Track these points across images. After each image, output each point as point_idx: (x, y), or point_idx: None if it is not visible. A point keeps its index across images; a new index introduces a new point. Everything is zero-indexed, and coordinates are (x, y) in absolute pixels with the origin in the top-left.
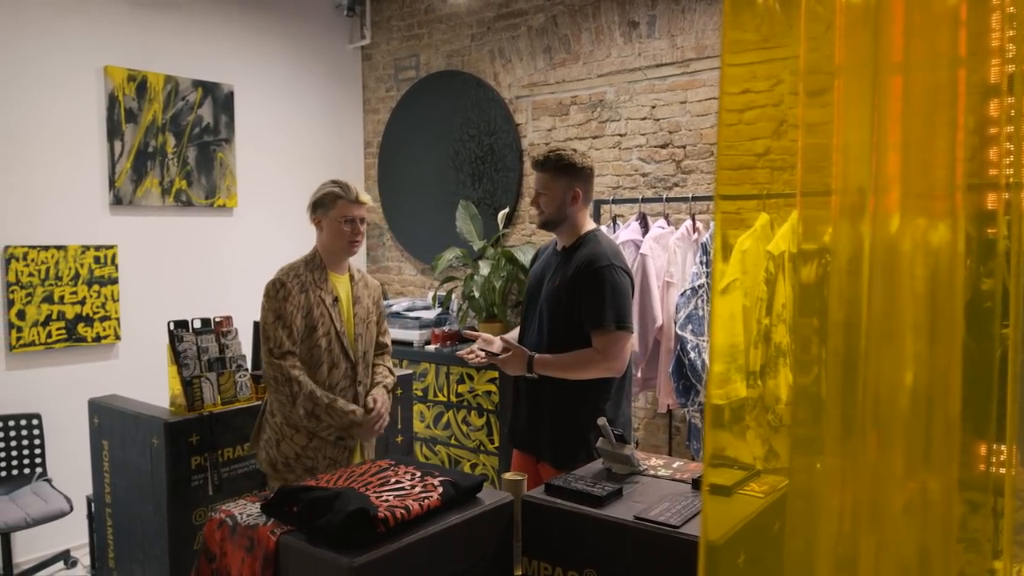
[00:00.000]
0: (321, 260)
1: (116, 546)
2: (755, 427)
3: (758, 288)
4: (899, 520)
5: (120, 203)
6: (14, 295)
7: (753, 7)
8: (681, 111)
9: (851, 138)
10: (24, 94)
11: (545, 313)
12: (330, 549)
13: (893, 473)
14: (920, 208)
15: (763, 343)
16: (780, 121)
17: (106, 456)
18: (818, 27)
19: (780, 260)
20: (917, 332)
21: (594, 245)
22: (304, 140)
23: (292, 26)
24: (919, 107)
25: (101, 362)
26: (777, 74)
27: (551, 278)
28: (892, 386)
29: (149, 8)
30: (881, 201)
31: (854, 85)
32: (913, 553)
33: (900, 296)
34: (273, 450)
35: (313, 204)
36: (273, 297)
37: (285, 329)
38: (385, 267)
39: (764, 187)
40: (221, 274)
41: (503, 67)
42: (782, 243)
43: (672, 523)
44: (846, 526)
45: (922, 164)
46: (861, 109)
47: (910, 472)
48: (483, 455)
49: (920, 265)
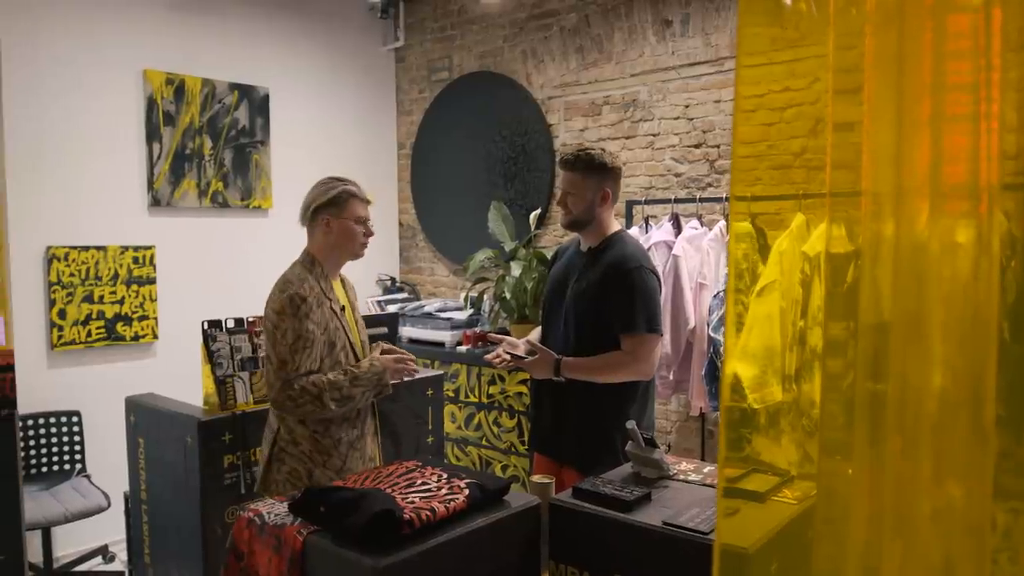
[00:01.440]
0: (322, 268)
1: (152, 542)
2: (790, 432)
3: (794, 290)
4: (928, 528)
5: (158, 204)
6: (55, 295)
7: (783, 5)
8: (715, 110)
9: (880, 138)
10: (66, 97)
11: (571, 315)
12: (355, 550)
13: (920, 479)
14: (949, 208)
15: (798, 346)
16: (817, 120)
17: (142, 453)
18: (851, 24)
19: (816, 261)
20: (946, 335)
21: (622, 247)
22: (338, 142)
23: (326, 29)
24: (949, 105)
25: (139, 361)
26: (814, 72)
27: (577, 280)
28: (919, 390)
29: (187, 12)
30: (910, 201)
31: (882, 83)
32: (942, 562)
33: (928, 298)
34: (304, 482)
35: (322, 204)
36: (293, 315)
37: (306, 351)
38: (418, 268)
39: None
40: (255, 274)
41: (535, 67)
42: (818, 244)
43: (702, 529)
44: (874, 533)
45: (953, 163)
46: (889, 107)
47: (938, 479)
48: (514, 456)
49: (949, 266)
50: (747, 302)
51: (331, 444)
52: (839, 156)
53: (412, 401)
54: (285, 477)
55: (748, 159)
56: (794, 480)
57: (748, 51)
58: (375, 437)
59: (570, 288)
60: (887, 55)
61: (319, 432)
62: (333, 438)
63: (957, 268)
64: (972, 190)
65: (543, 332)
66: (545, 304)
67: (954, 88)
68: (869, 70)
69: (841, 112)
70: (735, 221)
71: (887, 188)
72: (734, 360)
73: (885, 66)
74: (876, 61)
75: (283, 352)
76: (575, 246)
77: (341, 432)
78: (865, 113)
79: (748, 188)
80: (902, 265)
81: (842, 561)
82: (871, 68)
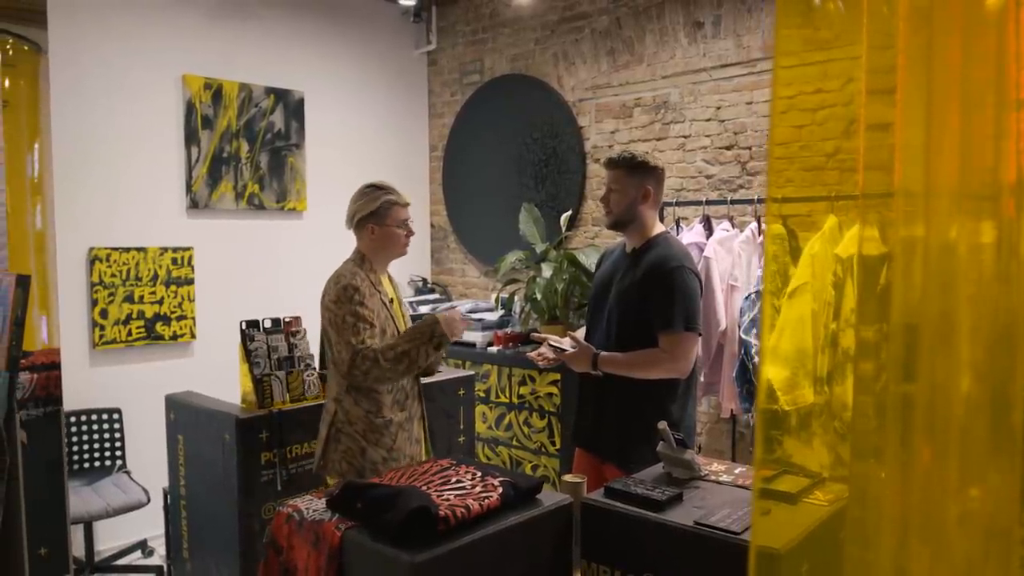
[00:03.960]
0: (371, 265)
1: (190, 537)
2: (822, 434)
3: (826, 292)
4: (956, 531)
5: (196, 207)
6: (97, 295)
7: (816, 6)
8: (747, 112)
9: (911, 138)
10: (108, 101)
11: (615, 314)
12: (392, 546)
13: (949, 483)
14: (980, 209)
15: (830, 348)
16: (850, 121)
17: (181, 450)
18: (885, 24)
19: (848, 264)
20: (975, 338)
21: (664, 247)
22: (371, 144)
23: (360, 33)
24: (977, 106)
25: (177, 360)
26: (848, 72)
27: (620, 279)
28: (948, 393)
29: (225, 18)
30: (941, 202)
31: (914, 83)
32: (968, 566)
33: (957, 300)
34: (359, 459)
35: (367, 215)
36: (348, 302)
37: (368, 330)
38: (449, 269)
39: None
40: (290, 275)
41: (566, 70)
42: (851, 246)
43: (733, 529)
44: (904, 536)
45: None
46: (918, 109)
47: (966, 482)
48: (544, 457)
49: (977, 268)
50: (778, 304)
51: (383, 424)
52: (872, 157)
53: (444, 401)
54: (341, 455)
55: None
56: (826, 482)
57: (784, 52)
58: (422, 421)
59: (614, 288)
60: (919, 55)
61: (372, 413)
62: (384, 419)
63: (985, 270)
64: (1002, 191)
65: (587, 330)
66: (590, 304)
67: (984, 87)
68: (902, 71)
69: (875, 113)
70: (770, 223)
71: (919, 189)
72: (769, 363)
73: (917, 66)
74: (909, 61)
75: (347, 334)
76: (620, 248)
77: (392, 414)
78: (898, 114)
79: (779, 190)
80: (932, 267)
81: (874, 564)
82: (904, 68)
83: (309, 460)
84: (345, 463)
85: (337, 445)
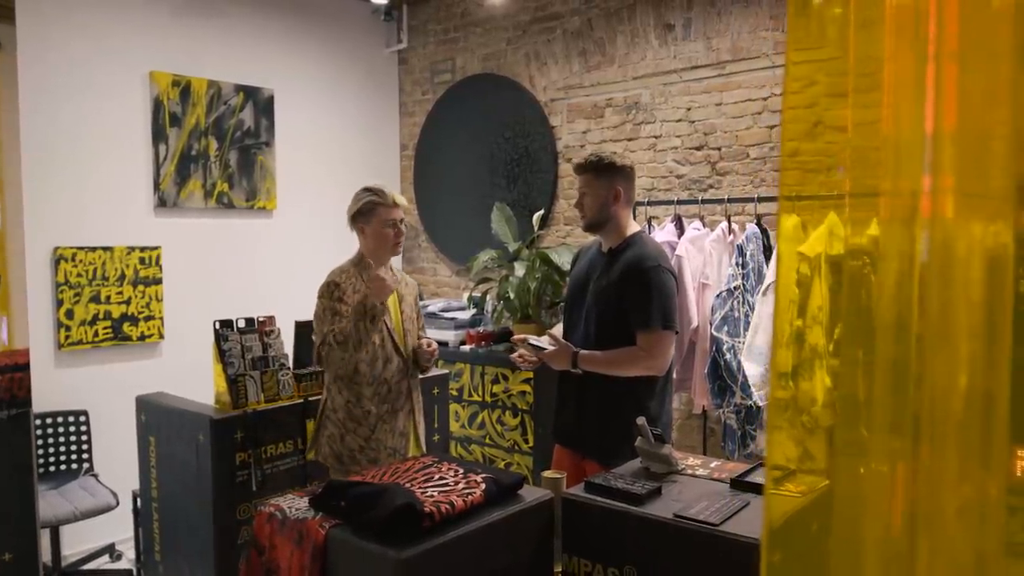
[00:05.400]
0: (367, 263)
1: (162, 539)
2: (787, 428)
3: (790, 290)
4: (952, 525)
5: (164, 205)
6: (63, 295)
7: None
8: (717, 113)
9: (902, 138)
10: (73, 98)
11: (592, 313)
12: (378, 542)
13: (944, 477)
14: (975, 208)
15: (795, 344)
16: (814, 123)
17: (153, 452)
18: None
19: (816, 262)
20: (972, 335)
21: (640, 247)
22: (342, 143)
23: (330, 31)
24: (974, 105)
25: (145, 360)
26: (811, 75)
27: (598, 279)
28: (945, 389)
29: (193, 15)
30: (935, 201)
31: (904, 83)
32: (966, 559)
33: (954, 298)
34: (338, 444)
35: (353, 215)
36: (328, 297)
37: (339, 321)
38: (420, 268)
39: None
40: (261, 275)
41: (538, 70)
42: (817, 245)
43: (712, 521)
44: (894, 530)
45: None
46: (912, 108)
47: (961, 477)
48: (517, 455)
49: (973, 267)
50: (752, 302)
51: (361, 414)
52: (836, 158)
53: None
54: (326, 440)
55: (756, 160)
56: (796, 474)
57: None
58: (410, 415)
59: (591, 287)
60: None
61: (352, 403)
62: (363, 409)
63: (971, 268)
64: (988, 191)
65: (565, 329)
66: (568, 302)
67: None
68: (888, 69)
69: (838, 115)
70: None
71: (908, 188)
72: None
73: (906, 65)
74: (896, 59)
75: (322, 324)
76: (596, 247)
77: (371, 405)
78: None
79: (754, 189)
80: (927, 264)
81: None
82: (891, 67)
83: (284, 460)
84: (327, 447)
85: (324, 430)
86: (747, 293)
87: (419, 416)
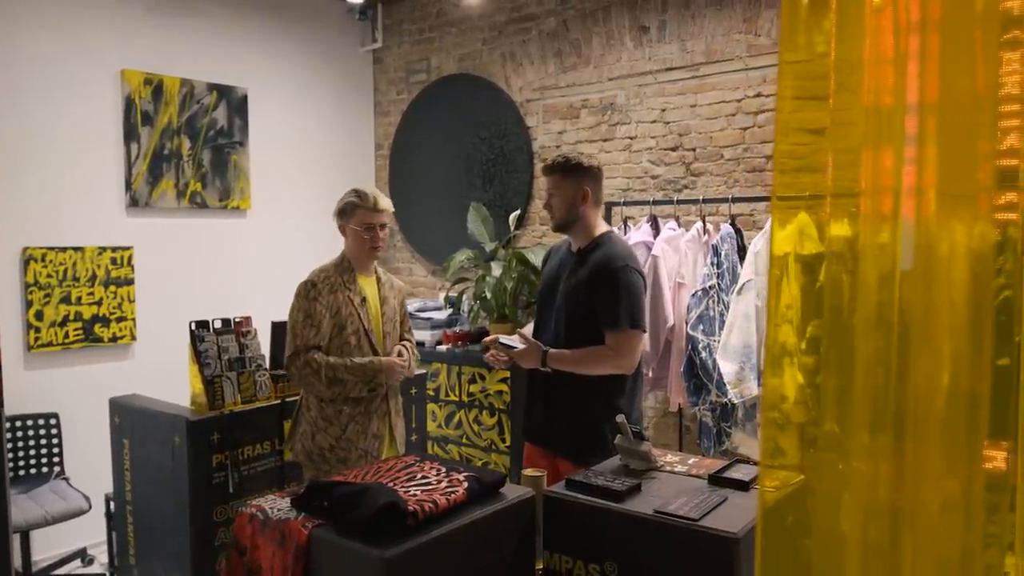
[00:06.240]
0: (349, 263)
1: (137, 543)
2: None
3: (768, 288)
4: (936, 519)
5: (136, 205)
6: (32, 296)
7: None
8: (691, 114)
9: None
10: (43, 97)
11: (562, 312)
12: (362, 541)
13: (928, 473)
14: (956, 208)
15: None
16: (783, 124)
17: (127, 454)
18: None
19: (784, 261)
20: (954, 333)
21: (609, 247)
22: (316, 142)
23: (305, 30)
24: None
25: (117, 362)
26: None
27: (568, 278)
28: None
29: (165, 13)
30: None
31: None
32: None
33: (936, 297)
34: (309, 442)
35: (337, 213)
36: (304, 297)
37: (313, 327)
38: (396, 268)
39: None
40: (235, 275)
41: (514, 71)
42: (785, 245)
43: (691, 516)
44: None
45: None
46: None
47: (943, 473)
48: (495, 454)
49: (954, 267)
50: (728, 301)
51: (333, 414)
52: (810, 160)
53: None
54: (299, 437)
55: (730, 161)
56: (769, 469)
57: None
58: (385, 418)
59: (561, 286)
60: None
61: (324, 402)
62: (335, 408)
63: (961, 267)
64: (967, 189)
65: (536, 328)
66: (539, 301)
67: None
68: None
69: (809, 118)
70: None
71: (886, 187)
72: None
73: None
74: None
75: (295, 327)
76: (566, 246)
77: (344, 405)
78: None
79: (728, 190)
80: (906, 263)
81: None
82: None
83: (261, 462)
84: (300, 444)
85: (298, 427)
86: (722, 292)
87: (396, 419)
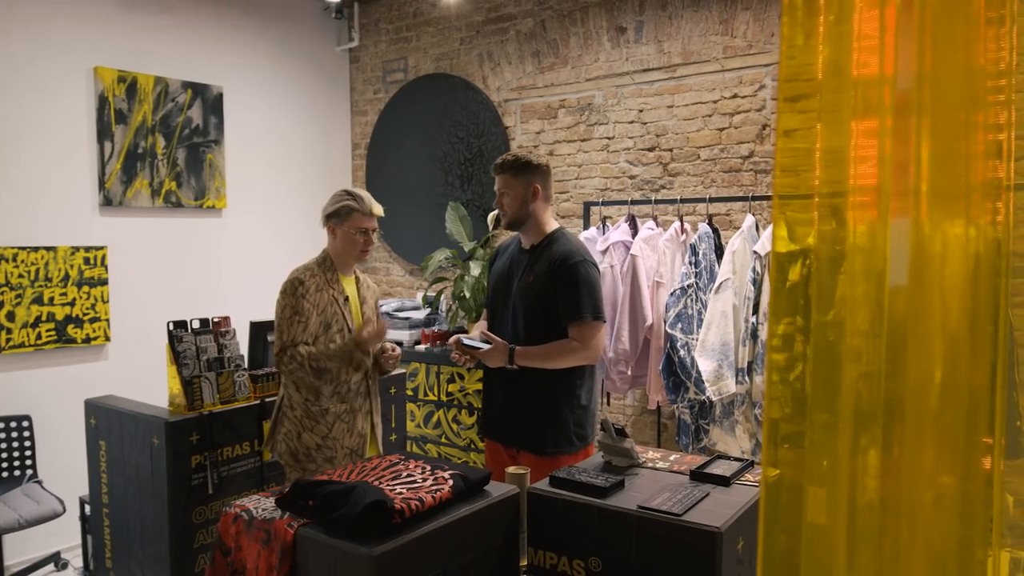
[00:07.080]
0: (332, 263)
1: (113, 545)
2: (743, 422)
3: (746, 287)
4: (927, 515)
5: (110, 204)
6: (3, 296)
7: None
8: (668, 115)
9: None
10: (14, 95)
11: (519, 308)
12: (348, 540)
13: (921, 469)
14: (946, 208)
15: (750, 340)
16: (762, 125)
17: (104, 456)
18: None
19: (766, 260)
20: (944, 332)
21: (564, 243)
22: (292, 141)
23: (281, 28)
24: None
25: (91, 363)
26: (760, 80)
27: (522, 275)
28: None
29: (139, 10)
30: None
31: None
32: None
33: (928, 296)
34: (294, 442)
35: (328, 214)
36: (291, 294)
37: (301, 324)
38: (373, 268)
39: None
40: (211, 275)
41: (492, 70)
42: (785, 243)
43: (675, 511)
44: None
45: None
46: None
47: (935, 469)
48: (474, 453)
49: (946, 265)
50: (705, 300)
51: (319, 412)
52: (787, 161)
53: None
54: (283, 437)
55: (707, 162)
56: (753, 464)
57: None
58: (368, 416)
59: (516, 283)
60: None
61: (310, 401)
62: (321, 407)
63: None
64: (965, 190)
65: (489, 327)
66: (491, 298)
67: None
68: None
69: (787, 119)
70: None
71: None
72: None
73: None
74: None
75: (282, 324)
76: (516, 244)
77: (329, 404)
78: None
79: (705, 190)
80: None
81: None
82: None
83: (240, 463)
84: (284, 444)
85: (280, 427)
86: (700, 291)
87: (377, 417)
